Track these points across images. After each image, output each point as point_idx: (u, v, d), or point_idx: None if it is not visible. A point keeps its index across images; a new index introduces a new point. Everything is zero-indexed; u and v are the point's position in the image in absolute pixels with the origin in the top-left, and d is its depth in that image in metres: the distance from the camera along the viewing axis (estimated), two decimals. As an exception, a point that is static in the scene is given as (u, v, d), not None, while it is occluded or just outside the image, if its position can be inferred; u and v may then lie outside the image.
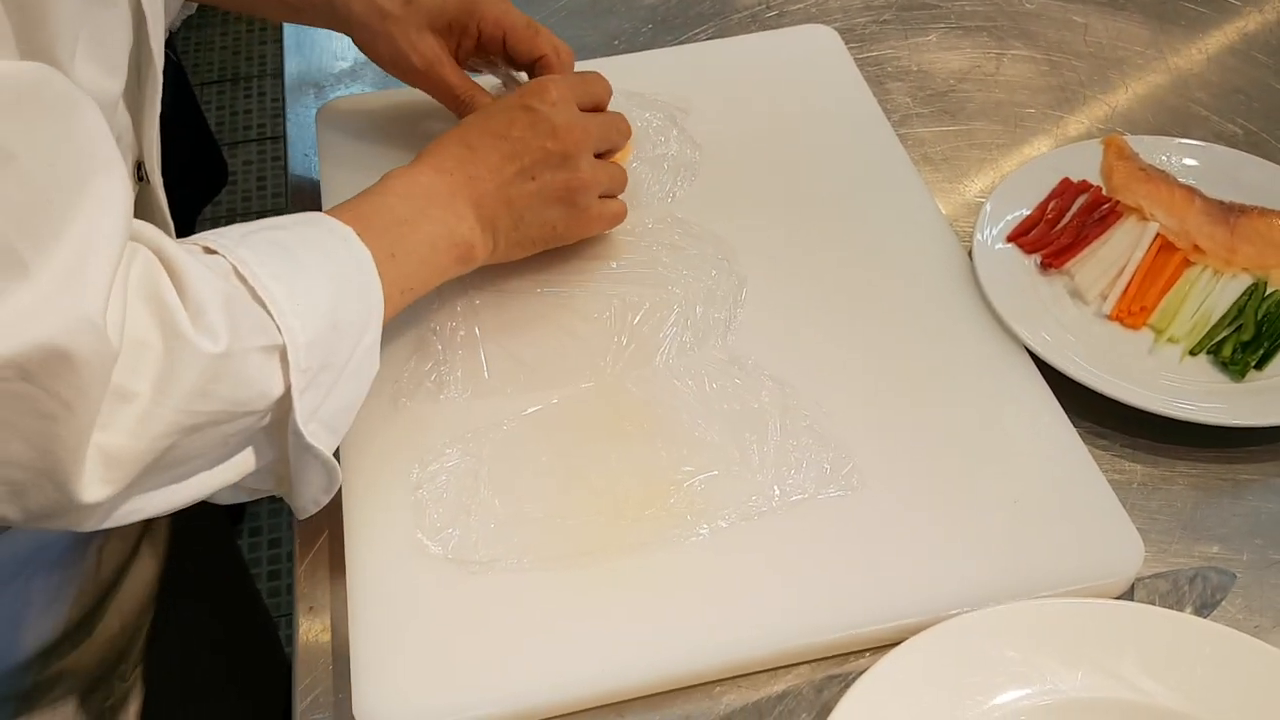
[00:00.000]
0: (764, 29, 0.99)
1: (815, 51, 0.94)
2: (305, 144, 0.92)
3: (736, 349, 0.73)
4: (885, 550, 0.63)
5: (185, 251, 0.55)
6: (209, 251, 0.57)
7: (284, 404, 0.57)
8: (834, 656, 0.62)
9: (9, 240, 0.45)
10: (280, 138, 1.78)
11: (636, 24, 1.01)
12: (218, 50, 2.79)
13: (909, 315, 0.75)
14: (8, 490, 0.49)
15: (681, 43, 0.98)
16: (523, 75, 0.83)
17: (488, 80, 0.84)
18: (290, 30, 1.02)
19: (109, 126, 0.55)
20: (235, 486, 0.60)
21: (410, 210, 0.68)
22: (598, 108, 0.78)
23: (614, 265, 0.78)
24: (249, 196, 2.47)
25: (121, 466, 0.51)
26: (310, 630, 0.64)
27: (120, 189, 0.51)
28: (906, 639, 0.59)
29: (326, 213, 0.65)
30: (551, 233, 0.74)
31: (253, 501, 0.70)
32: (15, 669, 0.74)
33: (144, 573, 0.84)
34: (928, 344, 0.73)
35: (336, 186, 0.85)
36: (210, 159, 1.77)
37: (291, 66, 0.99)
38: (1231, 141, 0.88)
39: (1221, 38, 0.99)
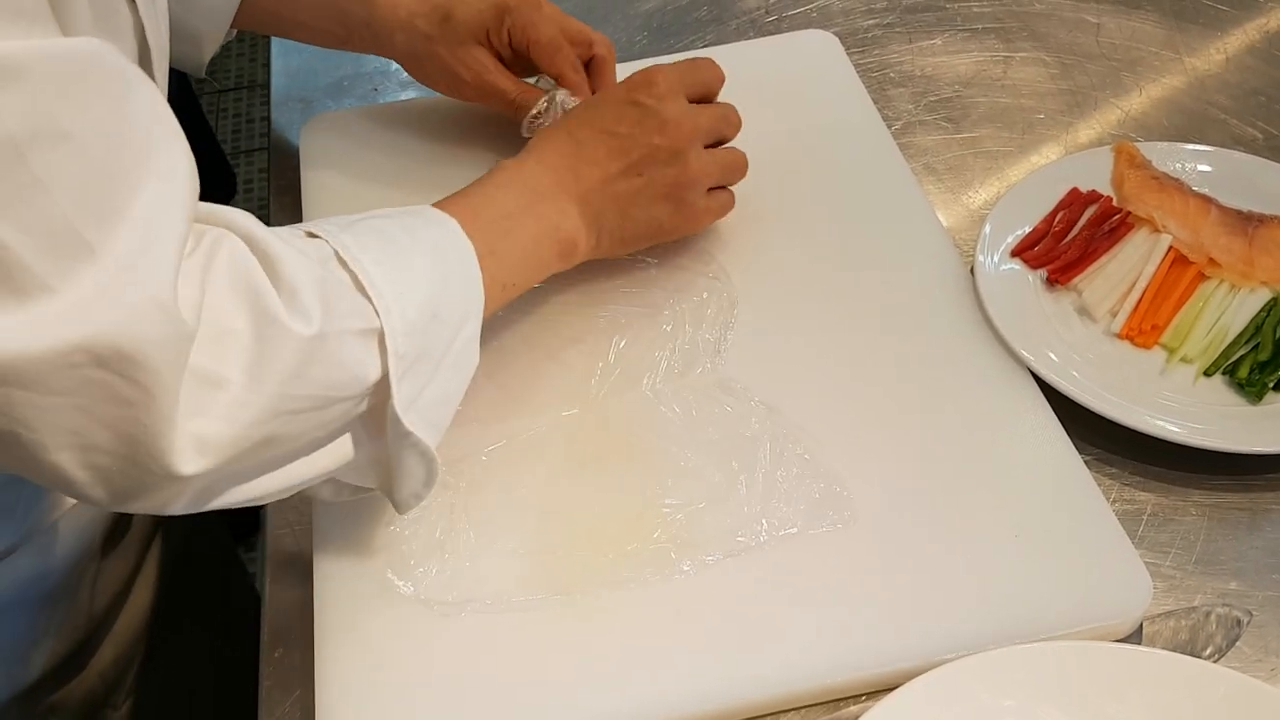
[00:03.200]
0: (763, 35, 0.96)
1: (814, 58, 0.91)
2: (290, 158, 0.89)
3: (726, 372, 0.70)
4: (877, 590, 0.60)
5: (279, 238, 0.53)
6: (312, 236, 0.57)
7: (381, 390, 0.55)
8: (824, 703, 0.59)
9: (71, 223, 0.44)
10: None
11: (631, 32, 0.98)
12: (234, 58, 2.78)
13: (907, 336, 0.72)
14: (94, 475, 0.48)
15: (678, 51, 0.95)
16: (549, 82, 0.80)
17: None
18: (278, 45, 1.00)
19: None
20: (336, 484, 0.59)
21: (515, 204, 0.67)
22: (707, 96, 0.75)
23: (601, 285, 0.76)
24: (265, 204, 2.46)
25: (216, 450, 0.49)
26: (277, 681, 0.62)
27: (182, 162, 0.49)
28: (900, 685, 0.56)
29: (434, 204, 0.65)
30: (658, 229, 0.73)
31: (260, 519, 0.69)
32: (3, 704, 0.72)
33: (139, 603, 0.82)
34: (926, 367, 0.70)
35: (319, 201, 0.83)
36: (218, 171, 1.76)
37: (279, 81, 0.97)
38: (1251, 146, 0.84)
39: (1242, 37, 0.95)
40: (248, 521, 1.72)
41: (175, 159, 0.49)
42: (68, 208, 0.43)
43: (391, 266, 0.56)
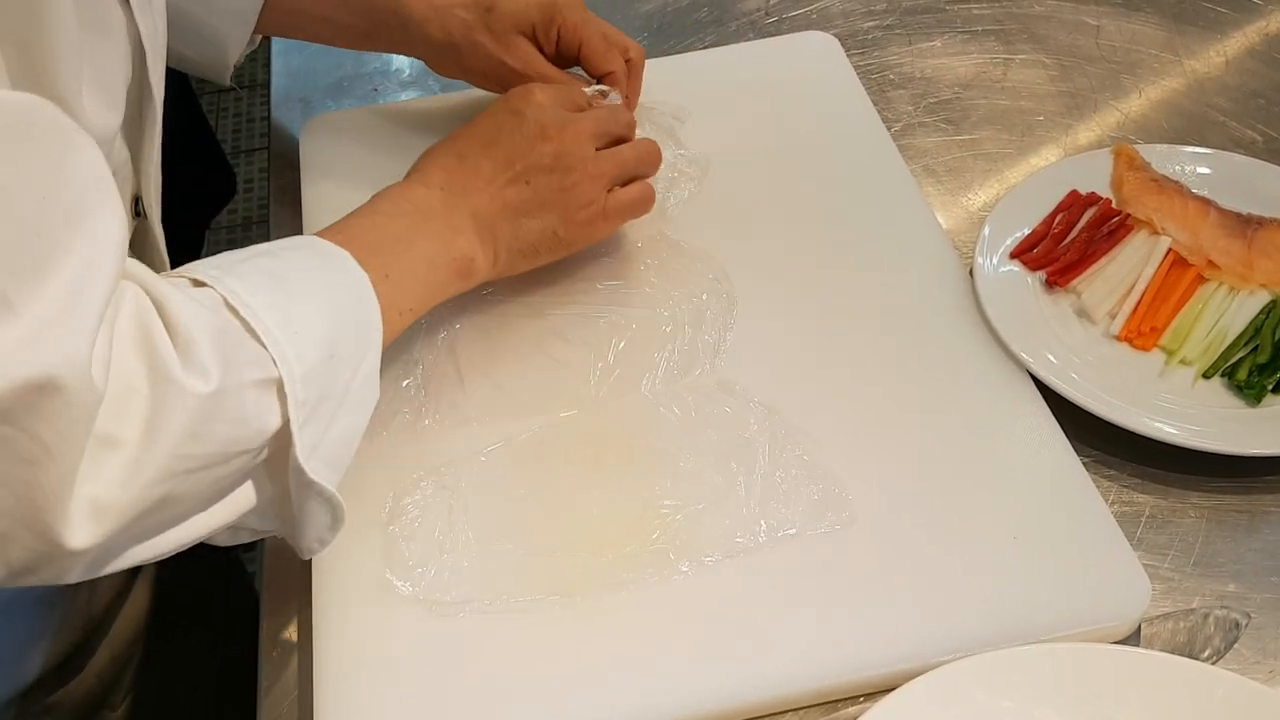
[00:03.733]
0: (763, 36, 0.96)
1: (813, 60, 0.91)
2: (290, 157, 0.89)
3: (726, 374, 0.70)
4: (876, 591, 0.60)
5: (173, 287, 0.52)
6: (198, 284, 0.55)
7: (281, 438, 0.54)
8: (823, 704, 0.59)
9: None
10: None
11: (631, 34, 0.95)
12: (235, 57, 2.77)
13: (906, 338, 0.72)
14: None
15: (678, 52, 0.95)
16: (602, 88, 0.80)
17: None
18: (278, 44, 1.00)
19: (107, 161, 0.52)
20: (234, 529, 0.57)
21: (403, 228, 0.66)
22: (583, 110, 0.74)
23: (600, 286, 0.76)
24: (264, 204, 2.46)
25: (111, 516, 0.48)
26: (276, 681, 0.62)
27: (115, 227, 0.48)
28: (898, 686, 0.56)
29: (317, 234, 0.63)
30: (554, 239, 0.71)
31: None
32: (1, 705, 0.72)
33: (138, 603, 0.82)
34: (925, 368, 0.70)
35: (318, 203, 0.83)
36: (218, 172, 1.75)
37: (279, 80, 0.97)
38: (1250, 149, 0.84)
39: (1241, 39, 0.95)
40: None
41: (109, 224, 0.48)
42: None
43: (284, 310, 0.55)
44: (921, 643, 0.58)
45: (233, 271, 0.56)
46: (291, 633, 0.63)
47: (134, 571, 0.81)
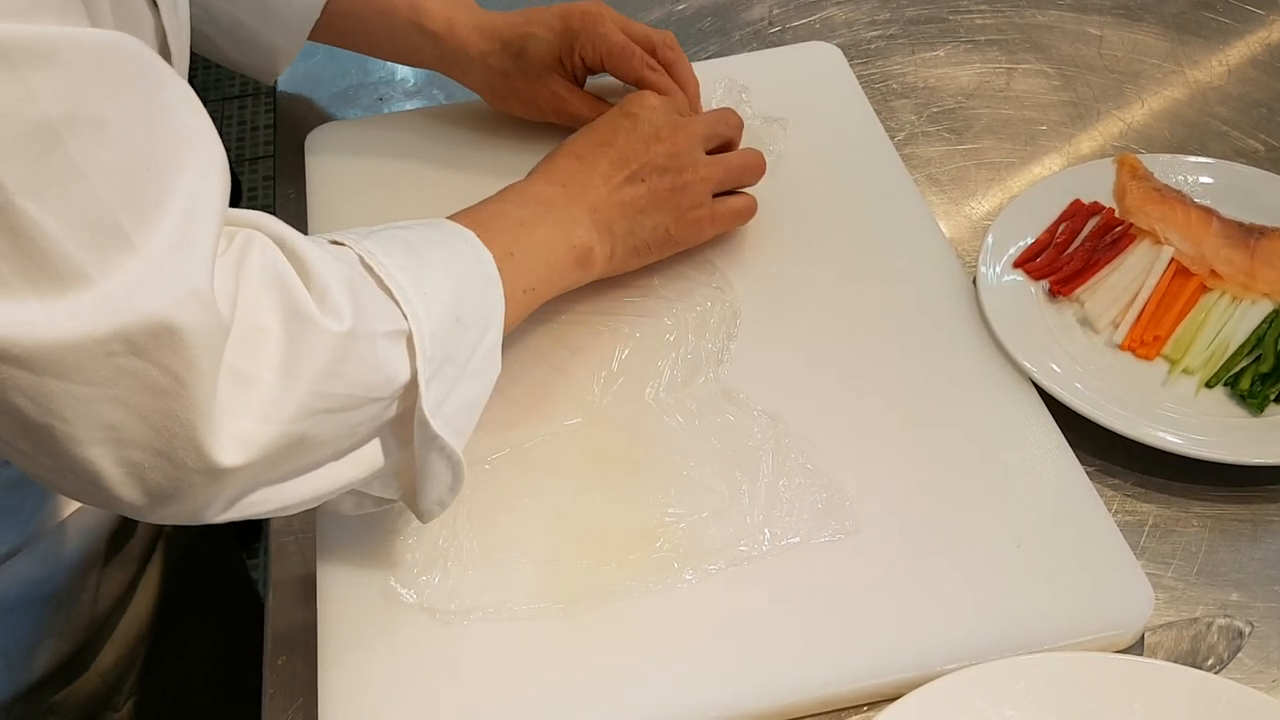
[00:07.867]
0: (767, 46, 0.96)
1: (817, 69, 0.91)
2: (295, 166, 0.90)
3: (729, 382, 0.71)
4: (879, 600, 0.60)
5: (310, 240, 0.54)
6: (335, 243, 0.57)
7: (410, 393, 0.56)
8: (825, 713, 0.59)
9: (110, 211, 0.43)
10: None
11: (635, 42, 0.98)
12: (239, 65, 2.78)
13: (909, 346, 0.72)
14: (128, 472, 0.47)
15: (681, 61, 0.95)
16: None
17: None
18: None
19: None
20: (359, 496, 0.59)
21: (526, 214, 0.69)
22: (695, 112, 0.80)
23: (605, 295, 0.76)
24: (269, 212, 2.46)
25: (256, 447, 0.49)
26: (280, 689, 0.62)
27: (216, 154, 0.49)
28: (901, 695, 0.56)
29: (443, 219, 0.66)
30: (665, 237, 0.74)
31: (264, 526, 0.69)
32: (5, 704, 0.73)
33: (143, 605, 0.83)
34: (928, 377, 0.70)
35: (323, 211, 0.83)
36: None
37: (284, 89, 0.98)
38: (1252, 158, 0.85)
39: (1244, 49, 0.95)
40: (251, 528, 1.72)
41: (210, 154, 0.49)
42: (106, 196, 0.43)
43: (415, 271, 0.57)
44: (924, 651, 0.58)
45: (369, 236, 0.58)
46: (296, 639, 0.63)
47: (139, 573, 0.81)
